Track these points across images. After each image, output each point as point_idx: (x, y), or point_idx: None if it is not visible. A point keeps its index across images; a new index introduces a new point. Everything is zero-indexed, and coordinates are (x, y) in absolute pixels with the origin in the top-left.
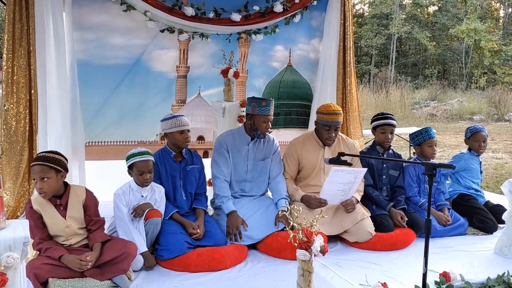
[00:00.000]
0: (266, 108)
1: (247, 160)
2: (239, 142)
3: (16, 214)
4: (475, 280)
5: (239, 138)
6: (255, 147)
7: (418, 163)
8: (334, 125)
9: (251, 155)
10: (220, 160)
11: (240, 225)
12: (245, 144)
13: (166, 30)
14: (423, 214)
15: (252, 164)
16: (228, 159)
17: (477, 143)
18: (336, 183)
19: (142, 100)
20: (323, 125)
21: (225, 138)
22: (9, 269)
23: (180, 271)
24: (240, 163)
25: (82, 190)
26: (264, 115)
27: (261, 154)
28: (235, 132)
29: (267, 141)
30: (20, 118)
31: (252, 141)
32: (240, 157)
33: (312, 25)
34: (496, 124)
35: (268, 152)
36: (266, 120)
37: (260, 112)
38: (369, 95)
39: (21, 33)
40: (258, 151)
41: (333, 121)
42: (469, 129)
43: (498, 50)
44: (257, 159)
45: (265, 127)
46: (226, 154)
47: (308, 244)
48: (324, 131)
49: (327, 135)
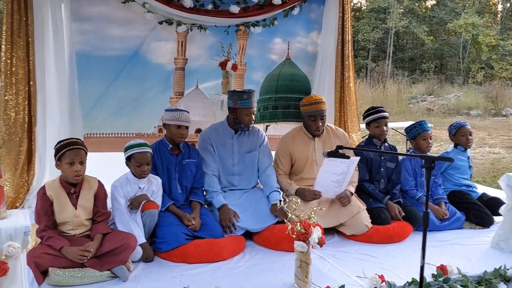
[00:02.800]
0: (247, 101)
1: (233, 154)
2: (222, 135)
3: (15, 205)
4: (472, 273)
5: (223, 132)
6: (239, 140)
7: (417, 156)
8: (319, 113)
9: (236, 148)
10: (206, 156)
11: (232, 217)
12: (229, 137)
13: (164, 22)
14: (420, 207)
15: (238, 157)
16: (214, 154)
17: (464, 137)
18: (329, 173)
19: (140, 92)
20: (308, 116)
21: (208, 133)
22: (10, 258)
23: (179, 262)
24: (226, 157)
25: (95, 181)
26: (247, 108)
27: (246, 147)
28: (218, 126)
29: (252, 134)
30: (19, 109)
31: (236, 134)
32: (225, 150)
33: (311, 18)
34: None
35: (254, 145)
36: (249, 113)
37: (242, 106)
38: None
39: (20, 24)
40: (243, 143)
41: (317, 110)
42: (453, 126)
43: (496, 45)
44: (243, 152)
45: (248, 120)
46: (210, 148)
47: (306, 236)
48: (311, 122)
49: (315, 125)
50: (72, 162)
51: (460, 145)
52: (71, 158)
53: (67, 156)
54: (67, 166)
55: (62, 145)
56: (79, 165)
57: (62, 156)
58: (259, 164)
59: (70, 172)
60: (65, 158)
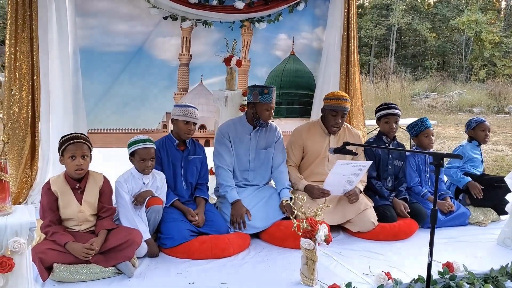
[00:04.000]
0: (268, 95)
1: (249, 150)
2: (241, 131)
3: (19, 200)
4: (478, 271)
5: (241, 127)
6: (257, 136)
7: (426, 153)
8: (341, 110)
9: (253, 144)
10: (223, 150)
11: (244, 214)
12: (247, 133)
13: (169, 18)
14: (425, 204)
15: (254, 153)
16: (231, 149)
17: (483, 132)
18: (340, 175)
19: (144, 88)
20: (330, 110)
21: (227, 128)
22: (16, 254)
23: (184, 258)
24: (242, 153)
25: (100, 176)
26: (267, 103)
27: (263, 143)
28: (236, 122)
29: (269, 130)
30: (22, 104)
31: (254, 130)
32: (242, 146)
33: (316, 13)
34: (496, 116)
35: (270, 141)
36: (269, 108)
37: (263, 100)
38: (369, 86)
39: (24, 19)
40: (260, 140)
41: (340, 106)
42: (474, 120)
43: (499, 42)
44: (259, 148)
45: (267, 115)
46: (228, 144)
47: (313, 233)
48: (331, 116)
49: (334, 121)
50: (74, 155)
51: (478, 140)
52: (72, 151)
53: (69, 150)
54: (69, 160)
55: (65, 139)
56: (81, 159)
57: (65, 150)
58: (273, 160)
59: (72, 166)
60: (67, 152)
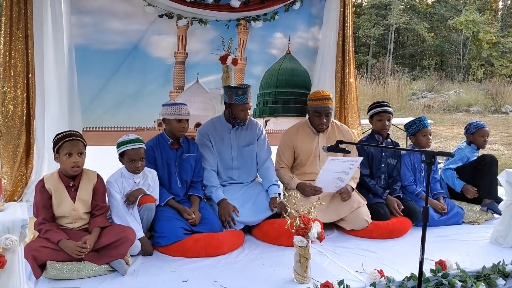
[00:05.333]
0: (242, 96)
1: (231, 148)
2: (220, 130)
3: (14, 198)
4: (471, 269)
5: (220, 126)
6: (237, 133)
7: (417, 151)
8: (324, 110)
9: (234, 142)
10: (204, 151)
11: (232, 212)
12: (227, 132)
13: (164, 16)
14: (419, 203)
15: (236, 151)
16: (212, 149)
17: (482, 138)
18: (331, 171)
19: (140, 86)
20: (314, 111)
21: (206, 129)
22: (8, 251)
23: (178, 256)
24: (224, 151)
25: (94, 174)
26: (241, 104)
27: (244, 140)
28: (216, 121)
29: (250, 127)
30: (17, 102)
31: (234, 129)
32: (224, 145)
33: (312, 12)
34: (492, 116)
35: (252, 138)
36: (244, 108)
37: (237, 101)
38: (367, 86)
39: (19, 16)
40: (241, 137)
41: (323, 106)
42: (473, 125)
43: (496, 42)
44: (241, 146)
45: (243, 115)
46: (209, 144)
47: (306, 231)
48: (315, 117)
49: (319, 121)
50: (70, 153)
51: (477, 144)
52: (69, 149)
53: (65, 147)
54: (65, 157)
55: (60, 137)
56: (77, 156)
57: (60, 148)
58: (257, 157)
59: (68, 163)
60: (63, 150)
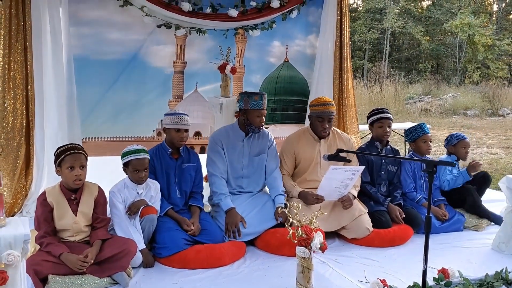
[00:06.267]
0: (259, 102)
1: (243, 156)
2: (233, 138)
3: (13, 210)
4: (474, 277)
5: (233, 134)
6: (249, 142)
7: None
8: (327, 115)
9: (246, 151)
10: (216, 158)
11: (239, 222)
12: (239, 140)
13: (163, 26)
14: (420, 210)
15: (247, 159)
16: (224, 156)
17: (464, 150)
18: (334, 180)
19: (139, 95)
20: (316, 117)
21: (219, 135)
22: (10, 267)
23: (179, 268)
24: (235, 160)
25: (95, 187)
26: (258, 110)
27: (256, 149)
28: (229, 129)
29: (261, 136)
30: (17, 114)
31: (247, 137)
32: (235, 153)
33: (309, 20)
34: (490, 119)
35: (263, 147)
36: (260, 114)
37: (253, 107)
38: (363, 90)
39: (18, 28)
40: (253, 146)
41: (325, 111)
42: (455, 136)
43: (492, 44)
44: (253, 155)
45: (259, 122)
46: (221, 151)
47: (308, 241)
48: (318, 123)
49: (321, 127)
50: (72, 166)
51: (458, 156)
52: (71, 162)
53: (67, 161)
54: (68, 171)
55: (62, 150)
56: (80, 169)
57: (62, 161)
58: (266, 166)
59: (71, 176)
60: (65, 163)
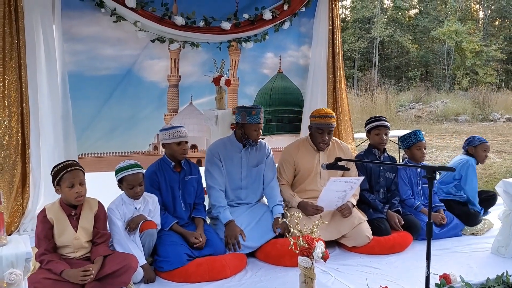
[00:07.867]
0: (256, 116)
1: (241, 167)
2: (231, 150)
3: (11, 229)
4: (475, 281)
5: (231, 146)
6: (247, 153)
7: (418, 167)
8: (327, 127)
9: (244, 162)
10: (214, 170)
11: (238, 235)
12: (237, 151)
13: (156, 40)
14: (419, 216)
15: (246, 171)
16: (222, 168)
17: (484, 153)
18: (333, 191)
19: (134, 110)
20: (316, 128)
21: (217, 148)
22: (12, 286)
23: (180, 282)
24: (234, 171)
25: (95, 202)
26: (255, 124)
27: (254, 160)
28: (226, 141)
29: (259, 147)
30: (12, 132)
31: (244, 148)
32: (233, 164)
33: (301, 31)
34: (481, 124)
35: (261, 158)
36: (257, 128)
37: (250, 121)
38: (355, 99)
39: (11, 46)
40: (251, 157)
41: (326, 123)
42: (477, 138)
43: (479, 51)
44: (251, 166)
45: (256, 135)
46: (219, 163)
47: (310, 251)
48: (318, 134)
49: (321, 138)
50: (72, 184)
51: (478, 159)
52: (70, 180)
53: (66, 179)
54: (68, 189)
55: (59, 168)
56: (79, 186)
57: (61, 179)
58: (264, 176)
59: (72, 194)
60: (64, 181)
